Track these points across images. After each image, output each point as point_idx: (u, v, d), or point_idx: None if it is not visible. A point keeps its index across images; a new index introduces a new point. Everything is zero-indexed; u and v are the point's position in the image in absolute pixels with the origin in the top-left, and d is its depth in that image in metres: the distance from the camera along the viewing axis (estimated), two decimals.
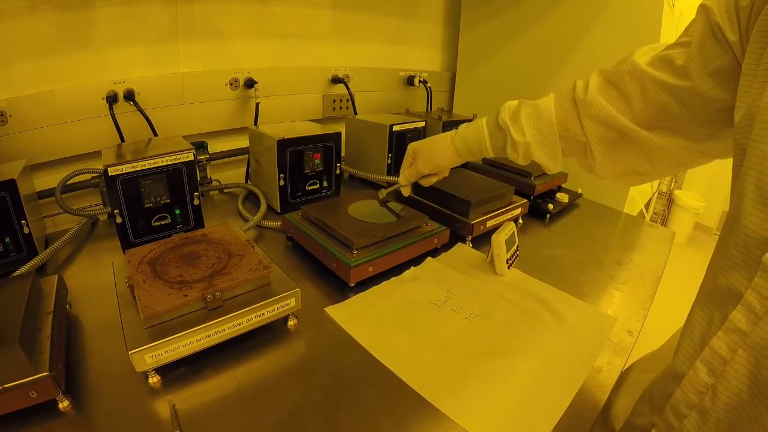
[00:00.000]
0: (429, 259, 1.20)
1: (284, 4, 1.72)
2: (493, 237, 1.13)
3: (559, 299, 1.08)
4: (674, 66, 0.69)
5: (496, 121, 0.95)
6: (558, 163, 0.91)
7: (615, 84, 0.79)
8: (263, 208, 1.40)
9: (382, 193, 1.19)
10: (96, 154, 1.28)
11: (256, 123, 1.63)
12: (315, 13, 1.83)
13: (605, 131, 0.81)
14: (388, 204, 1.22)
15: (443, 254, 1.24)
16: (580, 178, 1.78)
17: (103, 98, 1.34)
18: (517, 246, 1.21)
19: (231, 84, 1.62)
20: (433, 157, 1.07)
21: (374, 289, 1.06)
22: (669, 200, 4.54)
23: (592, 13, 1.78)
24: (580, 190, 1.75)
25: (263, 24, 1.69)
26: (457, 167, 1.62)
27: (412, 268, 1.16)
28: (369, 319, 0.96)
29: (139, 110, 1.37)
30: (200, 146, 1.57)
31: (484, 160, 1.79)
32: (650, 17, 1.64)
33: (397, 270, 1.14)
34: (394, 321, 0.96)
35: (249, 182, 1.70)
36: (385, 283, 1.09)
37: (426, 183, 1.13)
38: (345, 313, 0.97)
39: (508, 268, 1.16)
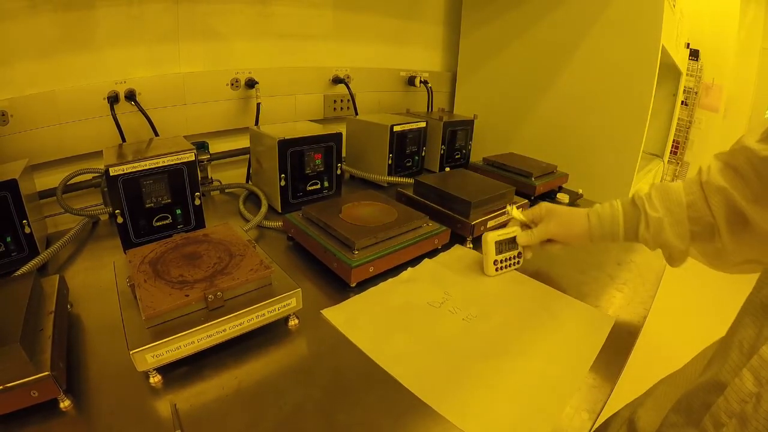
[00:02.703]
0: (426, 260, 1.20)
1: (285, 4, 1.72)
2: (484, 235, 1.13)
3: (556, 300, 1.08)
4: None
5: (631, 201, 0.98)
6: (686, 247, 0.92)
7: (732, 165, 0.82)
8: (264, 208, 1.40)
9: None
10: (97, 154, 1.28)
11: (257, 123, 1.64)
12: (316, 13, 1.84)
13: (729, 212, 0.82)
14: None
15: (440, 255, 1.24)
16: (580, 178, 1.78)
17: (104, 98, 1.34)
18: (520, 252, 1.18)
19: (232, 84, 1.63)
20: (570, 226, 1.07)
21: (371, 291, 1.06)
22: None
23: (593, 14, 1.79)
24: (580, 191, 1.75)
25: (264, 24, 1.69)
26: (457, 168, 1.63)
27: (409, 269, 1.15)
28: (366, 320, 0.95)
29: (140, 110, 1.37)
30: (201, 146, 1.57)
31: (485, 159, 1.80)
32: (651, 18, 1.64)
33: (398, 270, 1.14)
34: (391, 323, 0.95)
35: (250, 182, 1.70)
36: (381, 284, 1.09)
37: (545, 247, 1.14)
38: (341, 315, 0.96)
39: (497, 270, 1.15)
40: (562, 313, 1.03)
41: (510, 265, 1.18)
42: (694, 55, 3.98)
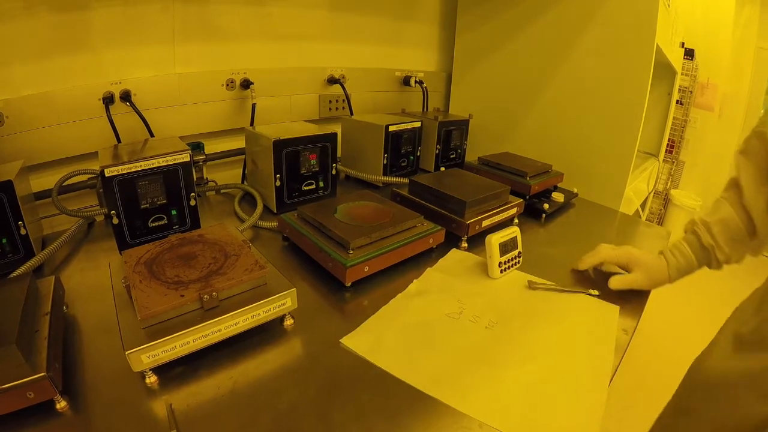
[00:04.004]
0: (429, 270, 1.19)
1: (281, 5, 1.72)
2: (487, 238, 1.14)
3: (563, 295, 1.12)
4: None
5: (699, 244, 1.07)
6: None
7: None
8: (259, 208, 1.40)
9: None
10: (93, 155, 1.28)
11: (252, 124, 1.64)
12: (311, 14, 1.84)
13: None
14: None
15: (440, 261, 1.24)
16: (575, 177, 1.79)
17: (99, 99, 1.34)
18: (519, 252, 1.21)
19: (227, 85, 1.63)
20: (654, 276, 1.12)
21: (384, 310, 1.02)
22: (665, 199, 4.55)
23: (588, 14, 1.79)
24: (575, 190, 1.76)
25: (260, 25, 1.70)
26: (452, 167, 1.63)
27: (414, 281, 1.13)
28: (390, 344, 0.91)
29: (135, 111, 1.37)
30: (197, 147, 1.57)
31: (480, 159, 1.80)
32: (645, 17, 1.64)
33: (393, 270, 1.15)
34: (417, 341, 0.92)
35: (245, 183, 1.70)
36: (392, 302, 1.05)
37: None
38: (364, 342, 0.91)
39: (501, 272, 1.16)
40: (572, 309, 1.06)
41: (512, 266, 1.19)
42: (689, 54, 3.99)
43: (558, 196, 1.68)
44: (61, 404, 0.70)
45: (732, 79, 4.38)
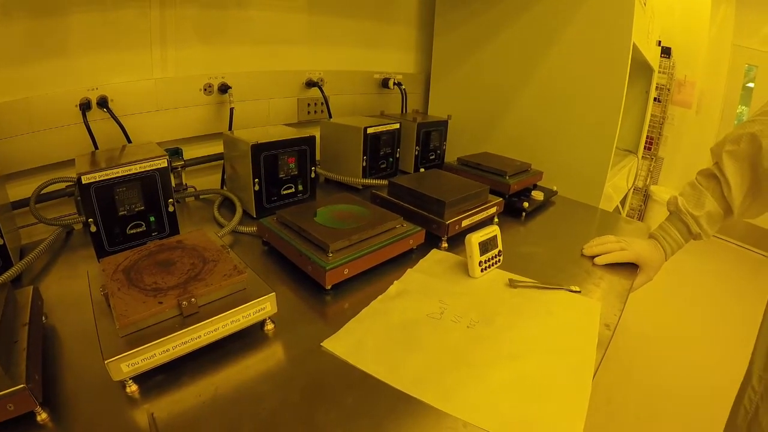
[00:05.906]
0: (409, 270, 1.19)
1: (259, 8, 1.72)
2: (467, 238, 1.15)
3: (544, 293, 1.12)
4: None
5: (687, 231, 1.28)
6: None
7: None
8: (238, 213, 1.40)
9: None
10: (70, 163, 1.28)
11: (230, 128, 1.63)
12: (289, 17, 1.84)
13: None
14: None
15: (421, 262, 1.24)
16: (555, 175, 1.80)
17: (76, 106, 1.33)
18: (500, 251, 1.22)
19: (205, 89, 1.62)
20: (656, 268, 1.30)
21: (365, 312, 1.01)
22: (645, 195, 4.59)
23: (565, 15, 1.81)
24: (555, 188, 1.78)
25: (238, 29, 1.69)
26: (431, 169, 1.64)
27: (395, 282, 1.13)
28: (372, 346, 0.90)
29: (112, 117, 1.36)
30: (175, 152, 1.57)
31: (459, 159, 1.81)
32: (622, 17, 1.67)
33: (373, 272, 1.15)
34: (399, 343, 0.92)
35: (224, 188, 1.69)
36: (373, 303, 1.05)
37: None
38: (345, 345, 0.90)
39: (482, 271, 1.17)
40: (554, 305, 1.07)
41: (493, 264, 1.20)
42: (666, 52, 4.04)
43: (537, 195, 1.69)
44: (42, 416, 0.69)
45: (709, 77, 4.44)
